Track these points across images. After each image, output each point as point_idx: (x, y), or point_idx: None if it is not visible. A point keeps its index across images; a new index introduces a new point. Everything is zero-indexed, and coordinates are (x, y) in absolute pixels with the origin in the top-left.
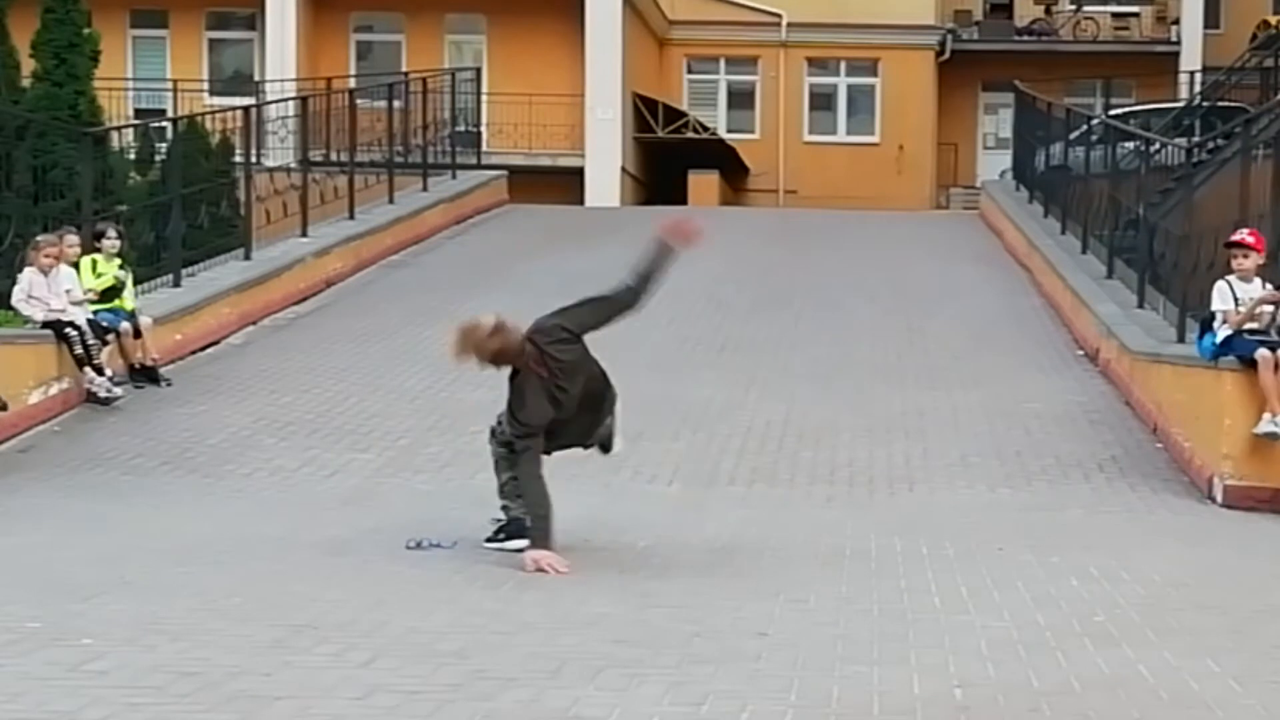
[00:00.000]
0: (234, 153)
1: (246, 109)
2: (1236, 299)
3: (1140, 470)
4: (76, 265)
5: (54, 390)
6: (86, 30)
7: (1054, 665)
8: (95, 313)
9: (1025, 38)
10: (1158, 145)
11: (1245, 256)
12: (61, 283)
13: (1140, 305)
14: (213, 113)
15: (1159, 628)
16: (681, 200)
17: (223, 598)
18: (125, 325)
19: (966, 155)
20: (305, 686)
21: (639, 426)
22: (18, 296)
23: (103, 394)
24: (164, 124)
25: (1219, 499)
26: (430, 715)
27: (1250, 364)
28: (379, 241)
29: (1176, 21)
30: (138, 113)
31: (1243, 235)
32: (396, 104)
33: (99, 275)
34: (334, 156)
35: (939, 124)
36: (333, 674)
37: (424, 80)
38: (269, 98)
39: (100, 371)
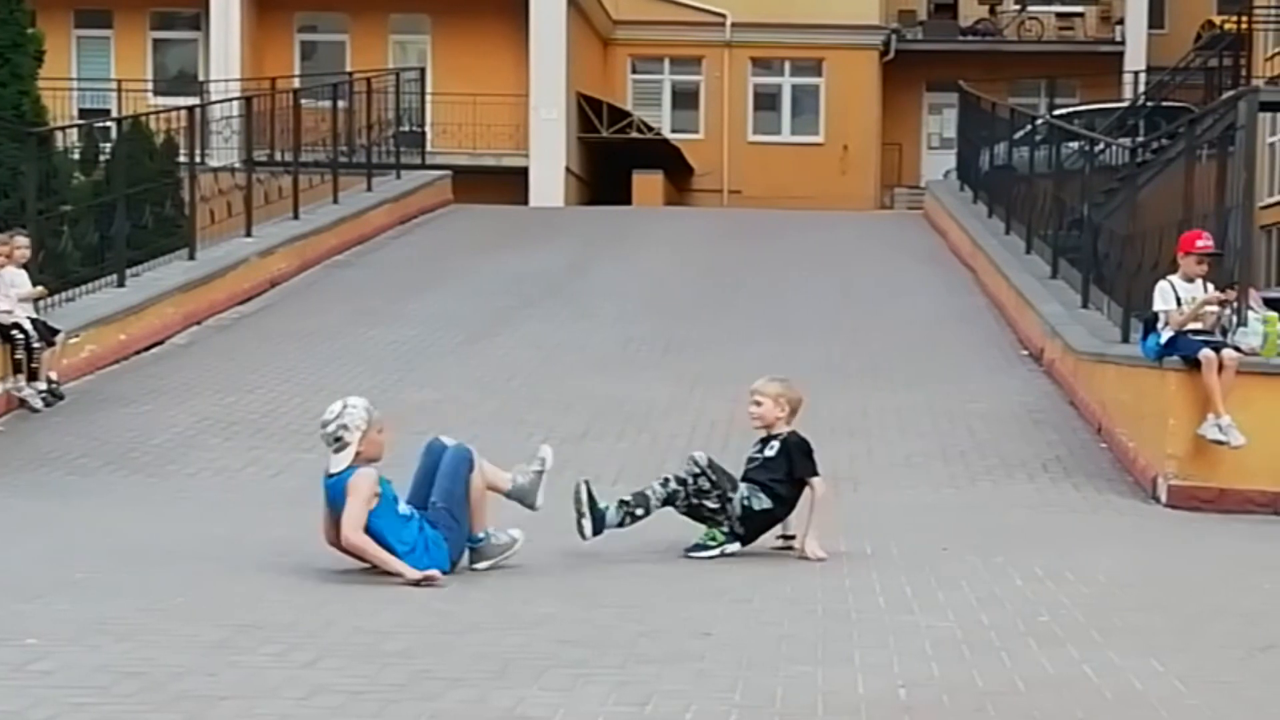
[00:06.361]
0: (178, 153)
1: (191, 109)
2: (1179, 299)
3: (1085, 470)
4: None
5: None
6: (30, 30)
7: (999, 665)
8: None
9: (970, 38)
10: (1102, 145)
11: (1201, 263)
12: (10, 283)
13: (1084, 305)
14: (157, 113)
15: (1104, 627)
16: (626, 200)
17: (168, 598)
18: None
19: (911, 155)
20: (250, 686)
21: (584, 427)
22: None
23: (23, 395)
24: (108, 124)
25: (1163, 499)
26: (375, 715)
27: (1194, 364)
28: (323, 241)
29: (1121, 21)
30: (82, 113)
31: (1209, 244)
32: (341, 104)
33: None
34: (278, 156)
35: (883, 124)
36: (277, 674)
37: (368, 80)
38: (213, 98)
39: (35, 376)
